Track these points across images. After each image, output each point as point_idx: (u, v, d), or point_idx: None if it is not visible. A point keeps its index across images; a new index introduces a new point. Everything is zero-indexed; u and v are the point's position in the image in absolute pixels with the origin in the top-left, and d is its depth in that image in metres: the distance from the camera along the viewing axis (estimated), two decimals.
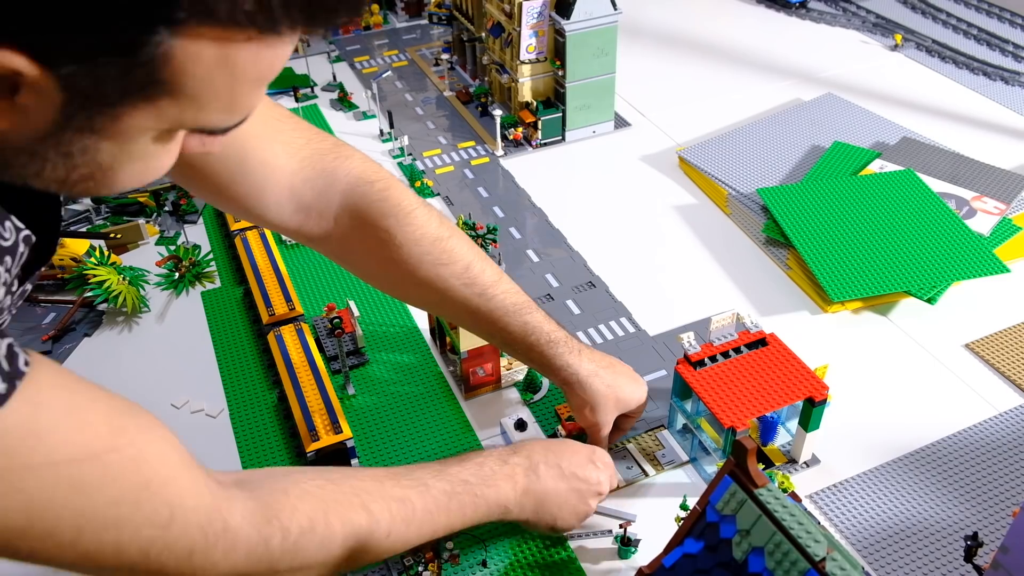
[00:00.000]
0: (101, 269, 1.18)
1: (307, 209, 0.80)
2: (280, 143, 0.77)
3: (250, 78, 0.45)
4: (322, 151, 0.80)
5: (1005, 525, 0.88)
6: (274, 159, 0.77)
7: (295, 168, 0.78)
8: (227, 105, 0.46)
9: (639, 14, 2.01)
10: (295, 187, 0.78)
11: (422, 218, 0.83)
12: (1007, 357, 1.09)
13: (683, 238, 1.33)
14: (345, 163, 0.81)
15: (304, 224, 0.81)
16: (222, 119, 0.47)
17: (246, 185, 0.76)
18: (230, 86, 0.44)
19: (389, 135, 1.60)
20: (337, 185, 0.80)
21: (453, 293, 0.84)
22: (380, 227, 0.81)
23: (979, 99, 1.67)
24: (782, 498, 0.57)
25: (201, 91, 0.43)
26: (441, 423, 1.03)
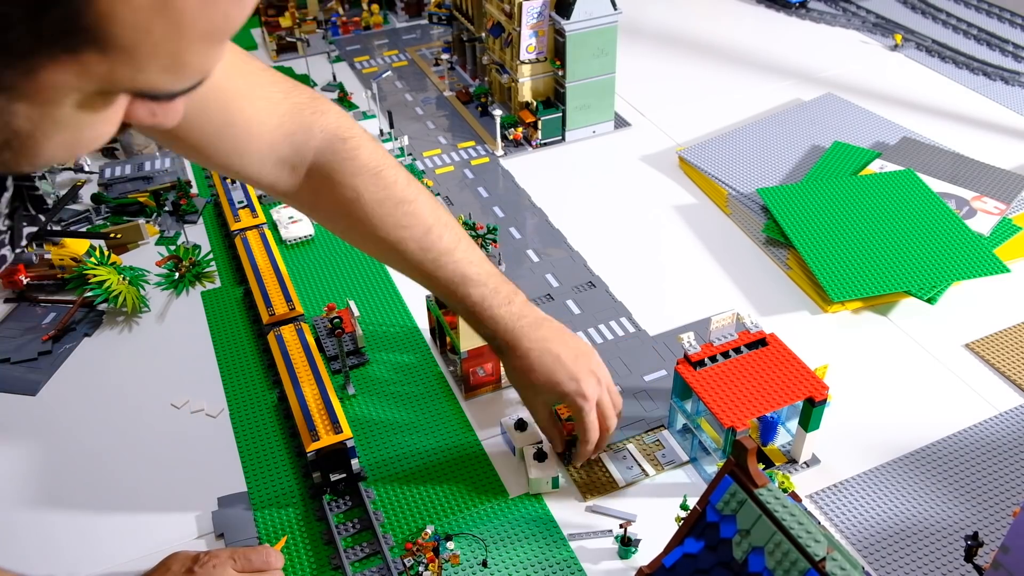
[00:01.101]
0: (101, 269, 1.18)
1: (283, 163, 0.80)
2: (262, 98, 0.77)
3: (199, 30, 0.38)
4: (300, 105, 0.80)
5: (1005, 525, 0.88)
6: (257, 115, 0.77)
7: (275, 123, 0.78)
8: (171, 63, 0.38)
9: (639, 14, 2.01)
10: (275, 142, 0.79)
11: (389, 178, 0.84)
12: (1007, 357, 1.09)
13: (683, 238, 1.33)
14: (321, 118, 0.81)
15: (279, 178, 0.81)
16: (167, 81, 0.39)
17: (229, 142, 0.76)
18: (174, 39, 0.37)
19: (389, 135, 1.60)
20: (312, 140, 0.81)
21: (409, 256, 0.86)
22: (347, 185, 0.82)
23: (979, 99, 1.67)
24: (782, 498, 0.57)
25: (136, 44, 0.36)
26: (441, 423, 1.03)
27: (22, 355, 1.14)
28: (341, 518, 0.92)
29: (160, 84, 0.39)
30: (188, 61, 0.39)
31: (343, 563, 0.87)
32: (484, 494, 0.94)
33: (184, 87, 0.41)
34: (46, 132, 0.40)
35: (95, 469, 0.99)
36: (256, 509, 0.94)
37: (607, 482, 0.95)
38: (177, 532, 0.92)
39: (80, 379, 1.11)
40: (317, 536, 0.91)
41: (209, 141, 0.74)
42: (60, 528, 0.93)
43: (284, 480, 0.97)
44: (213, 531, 0.91)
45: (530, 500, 0.94)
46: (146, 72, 0.38)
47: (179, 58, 0.38)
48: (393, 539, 0.90)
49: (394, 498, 0.94)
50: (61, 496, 0.96)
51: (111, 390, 1.10)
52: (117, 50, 0.36)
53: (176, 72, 0.39)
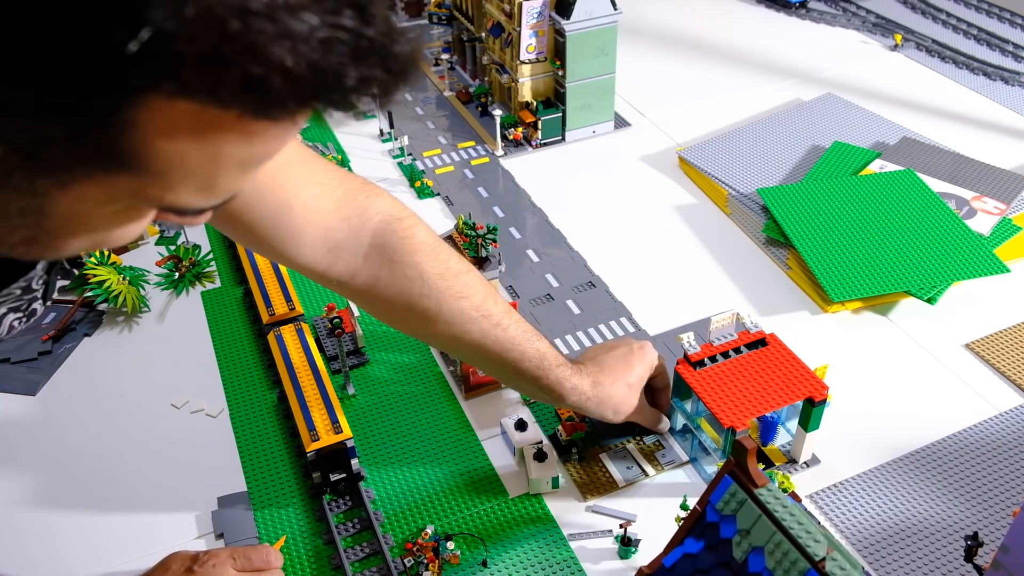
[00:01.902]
0: (101, 269, 1.18)
1: (339, 248, 0.79)
2: (318, 184, 0.77)
3: (237, 161, 0.39)
4: (354, 190, 0.80)
5: (1005, 525, 0.88)
6: (313, 201, 0.76)
7: (331, 208, 0.78)
8: (203, 187, 0.39)
9: (639, 14, 2.01)
10: (330, 227, 0.78)
11: (445, 254, 0.84)
12: (1007, 357, 1.09)
13: (683, 238, 1.33)
14: (376, 201, 0.81)
15: (333, 264, 0.80)
16: (197, 200, 0.40)
17: (284, 228, 0.75)
18: (209, 169, 0.38)
19: (389, 135, 1.60)
20: (369, 223, 0.80)
21: (473, 325, 0.84)
22: (408, 263, 0.81)
23: (979, 99, 1.67)
24: (782, 498, 0.57)
25: (171, 171, 0.37)
26: (441, 423, 1.03)
27: (22, 355, 1.14)
28: (341, 518, 0.92)
29: (189, 203, 0.40)
30: (220, 186, 0.40)
31: (343, 563, 0.87)
32: (484, 494, 0.94)
33: (213, 205, 0.42)
34: (73, 233, 0.41)
35: (95, 469, 0.99)
36: (256, 509, 0.94)
37: (607, 482, 0.95)
38: (177, 532, 0.92)
39: (80, 379, 1.11)
40: (317, 536, 0.91)
41: (264, 226, 0.74)
42: (60, 528, 0.93)
43: (284, 480, 0.97)
44: (213, 531, 0.91)
45: (530, 500, 0.94)
46: (177, 193, 0.39)
47: (212, 183, 0.39)
48: (393, 539, 0.90)
49: (394, 498, 0.94)
50: (61, 496, 0.96)
51: (111, 390, 1.10)
52: (152, 175, 0.37)
53: (207, 193, 0.40)
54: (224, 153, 0.37)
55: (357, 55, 0.35)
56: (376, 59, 0.36)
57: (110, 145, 0.34)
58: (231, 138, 0.37)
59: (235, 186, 0.41)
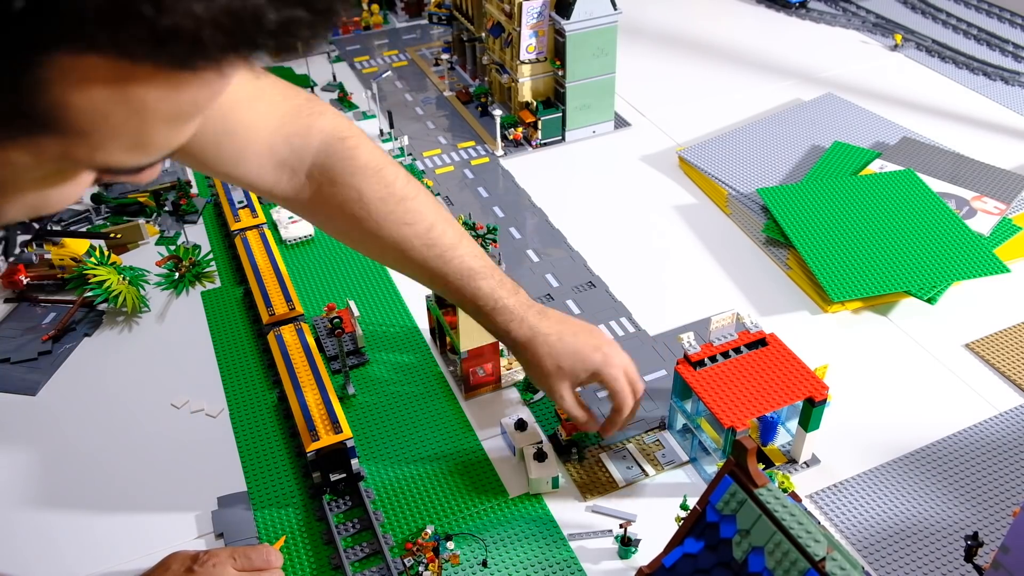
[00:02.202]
0: (101, 269, 1.18)
1: (282, 166, 0.80)
2: (261, 101, 0.77)
3: (163, 114, 0.36)
4: (298, 107, 0.80)
5: (1005, 525, 0.88)
6: (255, 120, 0.76)
7: (275, 126, 0.78)
8: (134, 144, 0.37)
9: (639, 14, 2.01)
10: (275, 145, 0.78)
11: (389, 176, 0.83)
12: (1007, 357, 1.09)
13: (683, 238, 1.33)
14: (319, 119, 0.81)
15: (279, 181, 0.81)
16: (130, 158, 0.38)
17: (228, 149, 0.75)
18: (135, 125, 0.36)
19: (389, 135, 1.60)
20: (311, 141, 0.80)
21: (413, 253, 0.85)
22: (348, 184, 0.81)
23: (979, 99, 1.67)
24: (782, 498, 0.57)
25: (94, 129, 0.35)
26: (441, 423, 1.03)
27: (22, 355, 1.14)
28: (341, 518, 0.92)
29: (123, 162, 0.38)
30: (152, 141, 0.38)
31: (343, 563, 0.87)
32: (484, 494, 0.94)
33: (150, 161, 0.39)
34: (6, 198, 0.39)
35: (95, 469, 0.99)
36: (256, 509, 0.94)
37: (607, 482, 0.95)
38: (177, 532, 0.92)
39: (80, 379, 1.11)
40: (317, 536, 0.91)
41: (208, 149, 0.74)
42: (60, 528, 0.93)
43: (284, 480, 0.97)
44: (213, 531, 0.91)
45: (530, 500, 0.94)
46: (106, 152, 0.36)
47: (142, 139, 0.37)
48: (393, 539, 0.90)
49: (394, 498, 0.94)
50: (61, 496, 0.96)
51: (111, 390, 1.10)
52: (73, 134, 0.35)
53: (140, 150, 0.38)
54: (148, 108, 0.35)
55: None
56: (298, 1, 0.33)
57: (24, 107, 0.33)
58: (153, 92, 0.34)
59: (170, 140, 0.38)
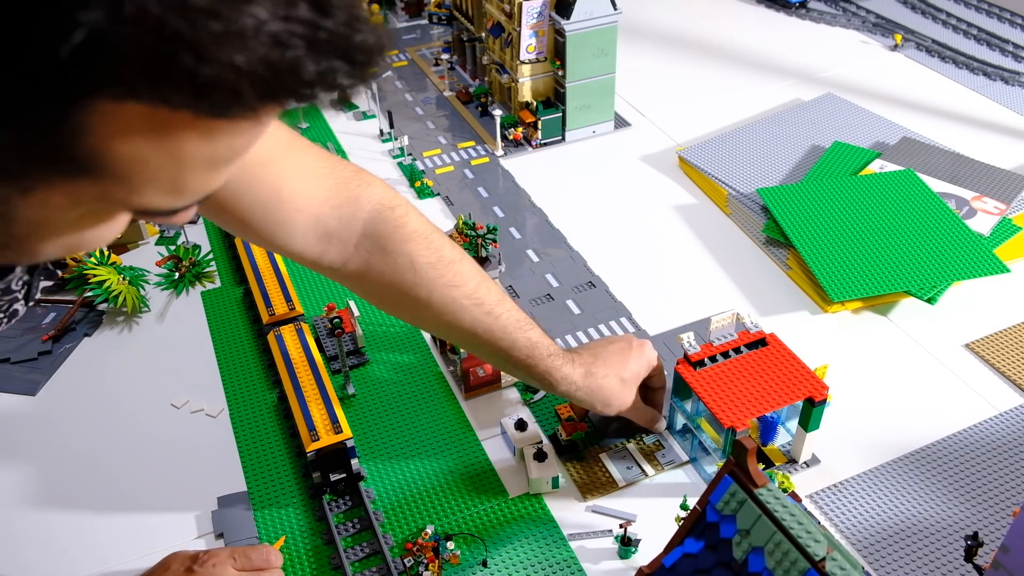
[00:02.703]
0: (101, 269, 1.18)
1: (330, 237, 0.80)
2: (309, 172, 0.77)
3: (201, 161, 0.37)
4: (346, 178, 0.80)
5: (1005, 525, 0.88)
6: (303, 190, 0.76)
7: (322, 197, 0.78)
8: (170, 188, 0.38)
9: (639, 14, 2.01)
10: (321, 216, 0.78)
11: (437, 242, 0.84)
12: (1007, 357, 1.09)
13: (683, 238, 1.33)
14: (367, 190, 0.81)
15: (325, 252, 0.80)
16: (166, 202, 0.39)
17: (275, 217, 0.75)
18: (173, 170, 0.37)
19: (389, 135, 1.60)
20: (360, 212, 0.80)
21: (463, 313, 0.85)
22: (400, 252, 0.81)
23: (979, 99, 1.67)
24: (782, 498, 0.57)
25: (132, 174, 0.36)
26: (441, 423, 1.03)
27: (22, 355, 1.14)
28: (341, 518, 0.92)
29: (159, 205, 0.39)
30: (188, 186, 0.38)
31: (343, 563, 0.87)
32: (484, 494, 0.94)
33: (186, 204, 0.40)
34: (44, 237, 0.40)
35: (95, 469, 0.99)
36: (256, 509, 0.94)
37: (607, 482, 0.95)
38: (177, 532, 0.92)
39: (80, 379, 1.11)
40: (317, 536, 0.91)
41: (255, 216, 0.74)
42: (60, 528, 0.93)
43: (284, 480, 0.97)
44: (213, 531, 0.91)
45: (530, 500, 0.94)
46: (142, 196, 0.37)
47: (179, 184, 0.38)
48: (393, 539, 0.90)
49: (394, 498, 0.94)
50: (61, 496, 0.96)
51: (111, 390, 1.10)
52: (111, 178, 0.35)
53: (176, 195, 0.38)
54: (186, 154, 0.36)
55: (314, 48, 0.33)
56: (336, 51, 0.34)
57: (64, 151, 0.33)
58: (190, 138, 0.35)
59: (206, 185, 0.39)
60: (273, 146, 0.73)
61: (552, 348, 0.89)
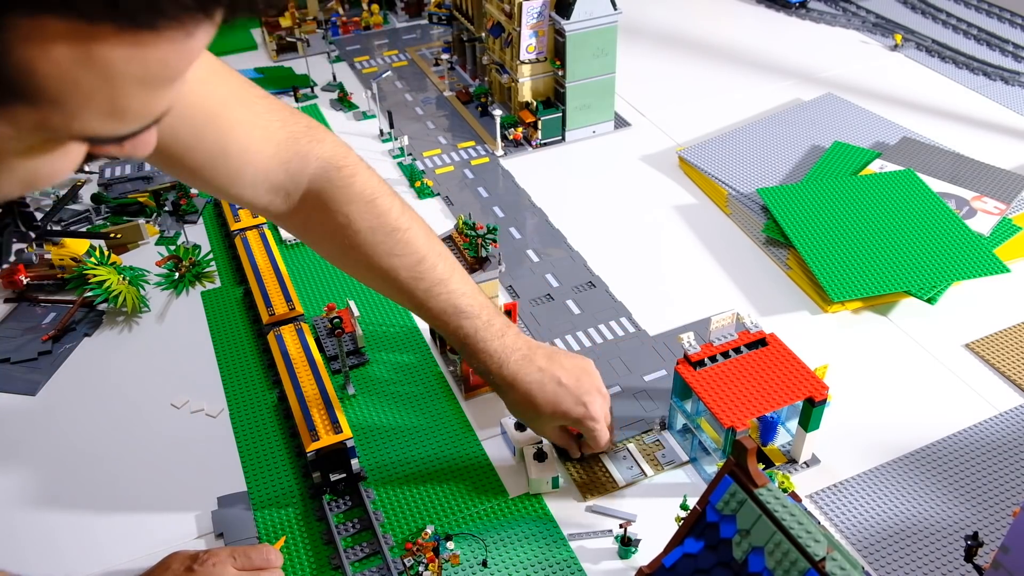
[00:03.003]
0: (101, 269, 1.18)
1: (277, 189, 0.81)
2: (259, 127, 0.78)
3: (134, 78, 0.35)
4: (297, 134, 0.81)
5: (1005, 525, 0.88)
6: (253, 143, 0.77)
7: (271, 152, 0.79)
8: (110, 111, 0.36)
9: (639, 14, 2.01)
10: (270, 169, 0.79)
11: (383, 206, 0.84)
12: (1007, 357, 1.09)
13: (683, 238, 1.33)
14: (317, 146, 0.82)
15: (272, 203, 0.82)
16: (110, 127, 0.37)
17: (224, 169, 0.76)
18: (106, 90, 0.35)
19: (389, 135, 1.60)
20: (307, 168, 0.81)
21: (400, 284, 0.86)
22: (341, 212, 0.83)
23: (979, 99, 1.67)
24: (782, 498, 0.57)
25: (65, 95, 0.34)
26: (441, 423, 1.03)
27: (22, 355, 1.14)
28: (341, 518, 0.92)
29: (103, 130, 0.37)
30: (128, 107, 0.37)
31: (343, 563, 0.87)
32: (484, 494, 0.94)
33: (133, 130, 0.39)
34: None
35: (95, 469, 0.99)
36: (256, 509, 0.94)
37: (607, 482, 0.95)
38: (177, 532, 0.92)
39: (80, 379, 1.11)
40: (317, 536, 0.91)
41: (205, 167, 0.75)
42: (60, 528, 0.93)
43: (284, 480, 0.97)
44: (213, 531, 0.91)
45: (530, 500, 0.94)
46: (83, 120, 0.36)
47: (117, 105, 0.36)
48: (393, 539, 0.90)
49: (394, 498, 0.94)
50: (61, 496, 0.96)
51: (111, 390, 1.10)
52: (45, 102, 0.34)
53: (118, 118, 0.37)
54: (115, 70, 0.34)
55: None
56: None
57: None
58: (117, 53, 0.34)
59: (147, 107, 0.38)
60: (224, 99, 0.74)
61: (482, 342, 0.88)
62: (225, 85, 0.75)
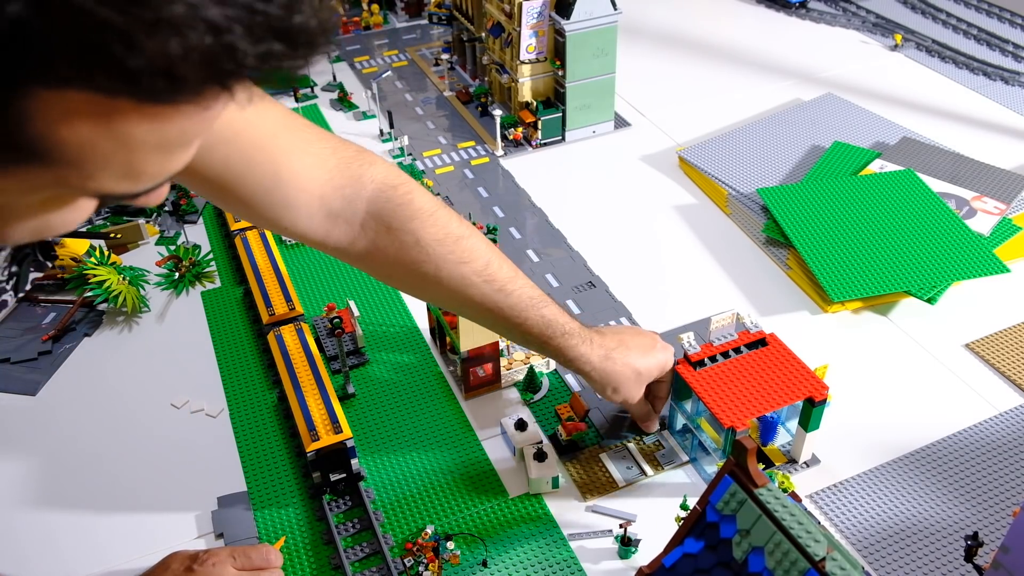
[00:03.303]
0: (101, 269, 1.18)
1: (335, 217, 0.80)
2: (310, 154, 0.77)
3: (152, 145, 0.36)
4: (348, 158, 0.80)
5: (1005, 525, 0.88)
6: (305, 171, 0.77)
7: (325, 178, 0.78)
8: (125, 173, 0.37)
9: (639, 14, 2.01)
10: (325, 196, 0.78)
11: (443, 219, 0.84)
12: (1007, 357, 1.09)
13: (683, 238, 1.33)
14: (370, 169, 0.81)
15: (331, 232, 0.81)
16: (124, 186, 0.38)
17: (278, 198, 0.76)
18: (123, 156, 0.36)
19: (389, 135, 1.60)
20: (364, 191, 0.80)
21: (474, 290, 0.85)
22: (406, 230, 0.81)
23: (979, 99, 1.67)
24: (782, 498, 0.57)
25: (83, 160, 0.35)
26: (441, 423, 1.03)
27: (22, 355, 1.14)
28: (341, 518, 0.92)
29: (117, 189, 0.38)
30: (144, 170, 0.38)
31: (343, 563, 0.87)
32: (484, 494, 0.94)
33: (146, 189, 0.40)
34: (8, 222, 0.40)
35: (95, 469, 0.99)
36: (256, 509, 0.94)
37: (607, 482, 0.95)
38: (177, 532, 0.92)
39: (80, 379, 1.11)
40: (317, 536, 0.91)
41: (257, 198, 0.74)
42: (60, 528, 0.93)
43: (284, 480, 0.97)
44: (213, 531, 0.91)
45: (530, 500, 0.94)
46: (98, 181, 0.37)
47: (133, 168, 0.37)
48: (393, 539, 0.90)
49: (394, 498, 0.94)
50: (61, 496, 0.96)
51: (111, 390, 1.10)
52: (62, 164, 0.35)
53: (133, 179, 0.38)
54: (133, 139, 0.35)
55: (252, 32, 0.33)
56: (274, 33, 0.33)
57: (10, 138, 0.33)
58: (136, 123, 0.35)
59: (164, 168, 0.39)
60: (271, 127, 0.74)
61: (569, 326, 0.89)
62: (272, 114, 0.74)
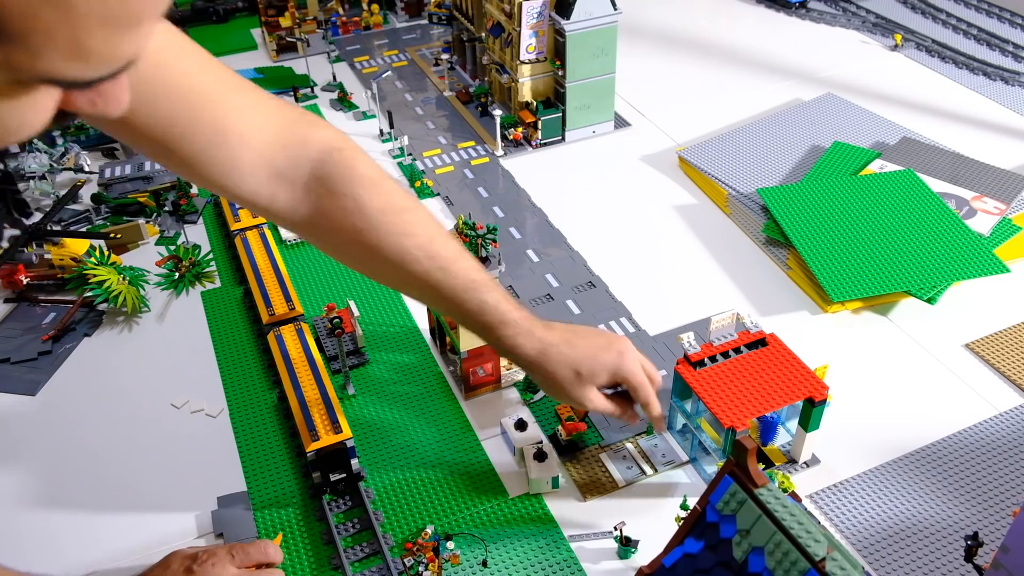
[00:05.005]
0: (101, 269, 1.18)
1: (280, 178, 0.78)
2: (257, 113, 0.76)
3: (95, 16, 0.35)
4: (294, 119, 0.79)
5: (1005, 525, 0.88)
6: (251, 130, 0.76)
7: (271, 137, 0.77)
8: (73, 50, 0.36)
9: (639, 14, 2.01)
10: (270, 156, 0.77)
11: (387, 188, 0.82)
12: (1007, 357, 1.09)
13: (683, 238, 1.33)
14: (316, 131, 0.80)
15: (276, 195, 0.79)
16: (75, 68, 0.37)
17: (222, 155, 0.74)
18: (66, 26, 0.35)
19: (389, 135, 1.60)
20: (309, 151, 0.79)
21: (416, 265, 0.82)
22: (349, 195, 0.80)
23: (979, 99, 1.67)
24: (782, 498, 0.57)
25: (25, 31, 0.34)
26: (441, 423, 1.03)
27: (22, 355, 1.14)
28: (341, 518, 0.92)
29: (67, 72, 0.37)
30: (92, 47, 0.37)
31: (343, 563, 0.87)
32: (484, 494, 0.94)
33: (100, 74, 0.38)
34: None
35: (95, 469, 0.99)
36: (256, 509, 0.94)
37: (607, 482, 0.95)
38: (177, 531, 0.92)
39: (80, 379, 1.11)
40: (317, 536, 0.91)
41: (201, 155, 0.73)
42: (60, 527, 0.93)
43: (284, 480, 0.97)
44: (213, 530, 0.91)
45: (530, 500, 0.94)
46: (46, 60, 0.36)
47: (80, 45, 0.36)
48: (393, 539, 0.90)
49: (394, 498, 0.94)
50: (61, 495, 0.96)
51: (111, 390, 1.10)
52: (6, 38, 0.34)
53: (82, 59, 0.37)
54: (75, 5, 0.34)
55: None
56: None
57: None
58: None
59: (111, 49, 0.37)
60: (219, 86, 0.73)
61: (509, 316, 0.84)
62: (219, 73, 0.73)
